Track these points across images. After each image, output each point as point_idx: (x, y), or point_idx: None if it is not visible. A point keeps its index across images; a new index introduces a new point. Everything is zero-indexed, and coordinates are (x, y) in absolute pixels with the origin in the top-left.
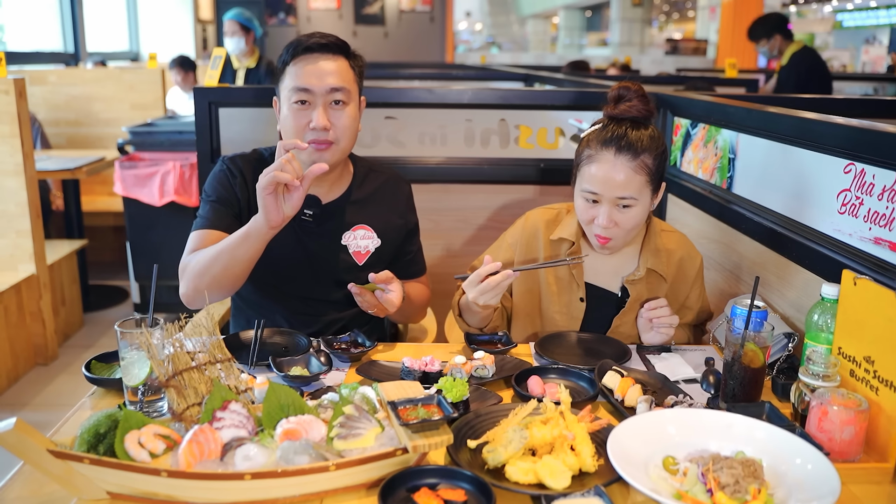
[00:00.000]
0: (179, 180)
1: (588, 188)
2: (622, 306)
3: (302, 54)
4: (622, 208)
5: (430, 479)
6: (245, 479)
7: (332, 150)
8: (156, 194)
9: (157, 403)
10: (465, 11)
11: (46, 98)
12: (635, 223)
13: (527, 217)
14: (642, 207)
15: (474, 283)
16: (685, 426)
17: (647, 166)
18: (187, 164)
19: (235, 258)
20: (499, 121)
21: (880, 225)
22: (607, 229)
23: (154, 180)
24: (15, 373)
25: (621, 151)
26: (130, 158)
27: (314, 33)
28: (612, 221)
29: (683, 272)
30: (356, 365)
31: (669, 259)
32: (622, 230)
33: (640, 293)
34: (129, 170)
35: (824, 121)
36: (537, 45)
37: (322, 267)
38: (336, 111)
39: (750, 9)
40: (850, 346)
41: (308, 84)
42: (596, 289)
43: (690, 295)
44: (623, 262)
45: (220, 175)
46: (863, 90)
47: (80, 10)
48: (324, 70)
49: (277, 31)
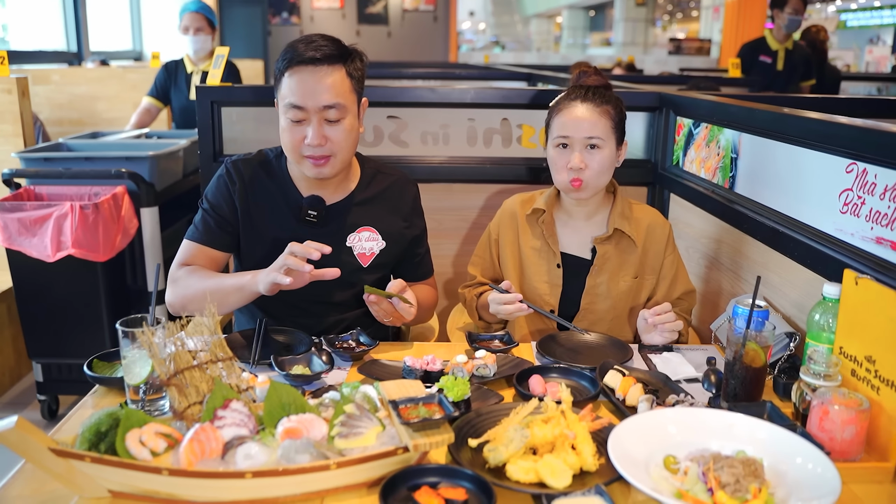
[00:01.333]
0: (80, 226)
1: (559, 133)
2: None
3: (296, 65)
4: (591, 149)
5: (431, 477)
6: (246, 477)
7: (331, 162)
8: (48, 246)
9: (158, 402)
10: (469, 11)
11: (49, 97)
12: (603, 167)
13: (504, 205)
14: (609, 152)
15: (497, 302)
16: (686, 425)
17: (611, 115)
18: (91, 205)
19: (226, 302)
20: (501, 120)
21: (882, 224)
22: (580, 171)
23: (46, 227)
24: (17, 372)
25: (587, 100)
26: (17, 197)
27: (311, 39)
28: (582, 161)
29: (654, 237)
30: (358, 364)
31: (638, 225)
32: (592, 172)
33: (608, 254)
34: (11, 213)
35: (826, 120)
36: (540, 45)
37: (326, 267)
38: (332, 126)
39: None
40: (851, 346)
41: (301, 102)
42: (571, 257)
43: (665, 263)
44: (594, 229)
45: (219, 182)
46: (866, 90)
47: (84, 10)
48: (318, 87)
49: (281, 31)
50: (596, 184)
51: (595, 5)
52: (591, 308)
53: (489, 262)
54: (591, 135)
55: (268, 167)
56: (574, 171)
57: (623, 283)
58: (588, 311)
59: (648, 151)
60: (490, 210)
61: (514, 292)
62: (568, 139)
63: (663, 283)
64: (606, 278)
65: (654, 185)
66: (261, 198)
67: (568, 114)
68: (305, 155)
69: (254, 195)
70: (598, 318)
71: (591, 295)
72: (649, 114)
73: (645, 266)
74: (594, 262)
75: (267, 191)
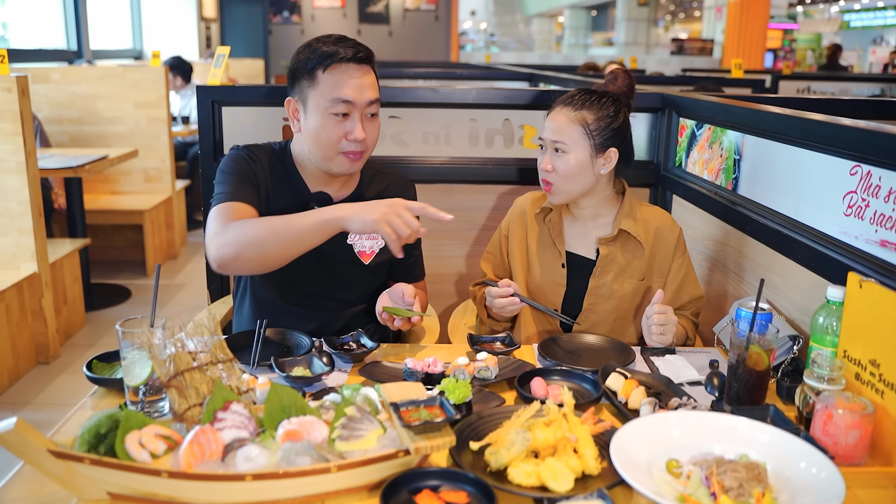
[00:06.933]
0: None
1: (539, 135)
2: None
3: (339, 63)
4: (557, 153)
5: (433, 481)
6: (246, 480)
7: (363, 158)
8: None
9: (158, 404)
10: (471, 10)
11: (49, 96)
12: (569, 171)
13: (516, 202)
14: (576, 158)
15: (492, 296)
16: (689, 429)
17: (586, 122)
18: None
19: (300, 242)
20: (503, 120)
21: (886, 227)
22: (547, 173)
23: None
24: (16, 371)
25: (565, 105)
26: None
27: (340, 39)
28: (549, 164)
29: (662, 240)
30: (358, 366)
31: (646, 227)
32: (559, 176)
33: (613, 255)
34: None
35: (830, 122)
36: (542, 45)
37: (328, 263)
38: (370, 123)
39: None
40: (855, 350)
41: (350, 96)
42: (576, 256)
43: (672, 266)
44: (600, 230)
45: (237, 158)
46: (870, 91)
47: (84, 8)
48: (362, 83)
49: (282, 30)
50: (566, 188)
51: (597, 5)
52: (594, 309)
53: (499, 258)
54: (556, 139)
55: (278, 158)
56: (542, 171)
57: (628, 284)
58: (591, 312)
59: (651, 152)
60: (491, 211)
61: (513, 288)
62: (542, 141)
63: (670, 287)
64: (610, 279)
65: (656, 186)
66: (274, 186)
67: (547, 117)
68: (343, 151)
69: (269, 181)
70: (600, 318)
71: (593, 296)
72: (652, 115)
73: (652, 269)
74: (597, 263)
75: (279, 181)
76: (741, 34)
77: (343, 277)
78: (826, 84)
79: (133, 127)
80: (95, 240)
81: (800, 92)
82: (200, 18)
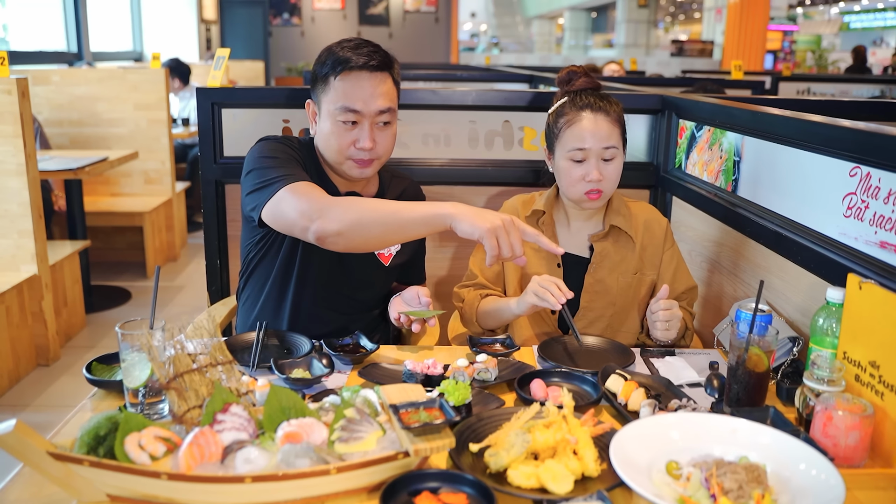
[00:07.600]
0: None
1: (575, 146)
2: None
3: (351, 70)
4: (605, 162)
5: (432, 482)
6: (246, 482)
7: (374, 164)
8: None
9: (157, 405)
10: (471, 12)
11: (49, 98)
12: (618, 174)
13: (504, 205)
14: (621, 160)
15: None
16: (689, 431)
17: (620, 122)
18: None
19: (404, 232)
20: (503, 122)
21: (886, 229)
22: (599, 182)
23: None
24: (16, 373)
25: (598, 111)
26: None
27: (358, 44)
28: (599, 174)
29: (651, 233)
30: (358, 367)
31: (635, 221)
32: (609, 182)
33: (606, 251)
34: None
35: (830, 123)
36: (542, 47)
37: (347, 263)
38: (381, 131)
39: (756, 10)
40: (855, 351)
41: (357, 106)
42: (571, 256)
43: (664, 258)
44: (592, 228)
45: (280, 146)
46: (870, 92)
47: (84, 10)
48: (374, 91)
49: (282, 32)
50: (611, 191)
51: (597, 7)
52: (591, 306)
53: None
54: (608, 144)
55: (308, 153)
56: (592, 182)
57: (622, 279)
58: (588, 309)
59: (651, 154)
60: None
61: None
62: (585, 151)
63: (665, 279)
64: (605, 275)
65: (656, 187)
66: (313, 178)
67: (583, 125)
68: (352, 157)
69: (309, 172)
70: (597, 315)
71: (590, 293)
72: (652, 116)
73: (644, 261)
74: (592, 260)
75: (314, 174)
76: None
77: (362, 278)
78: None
79: (133, 129)
80: (95, 242)
81: (800, 93)
82: (200, 20)
